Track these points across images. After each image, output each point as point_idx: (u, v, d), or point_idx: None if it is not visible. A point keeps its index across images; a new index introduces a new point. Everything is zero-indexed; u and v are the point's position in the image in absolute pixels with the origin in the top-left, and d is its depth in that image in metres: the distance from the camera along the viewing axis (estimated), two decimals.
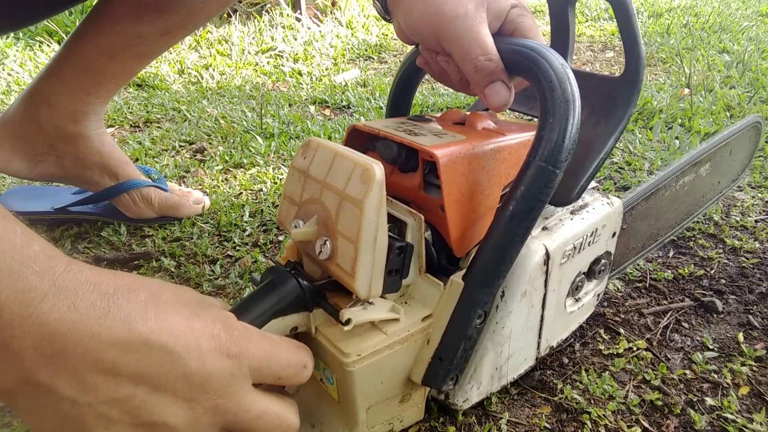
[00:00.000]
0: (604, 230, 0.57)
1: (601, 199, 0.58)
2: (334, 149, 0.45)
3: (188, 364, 0.35)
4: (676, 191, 0.71)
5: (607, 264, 0.60)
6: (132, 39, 0.77)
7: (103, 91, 0.82)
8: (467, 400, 0.52)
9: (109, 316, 0.33)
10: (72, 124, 0.82)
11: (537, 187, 0.43)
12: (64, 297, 0.32)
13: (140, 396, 0.34)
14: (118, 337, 0.33)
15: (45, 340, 0.31)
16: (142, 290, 0.35)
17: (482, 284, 0.46)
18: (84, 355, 0.32)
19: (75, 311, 0.32)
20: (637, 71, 0.53)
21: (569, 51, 0.60)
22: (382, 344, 0.45)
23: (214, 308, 0.39)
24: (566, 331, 0.60)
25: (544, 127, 0.43)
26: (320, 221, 0.44)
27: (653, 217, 0.70)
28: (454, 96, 1.55)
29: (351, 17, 2.49)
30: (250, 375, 0.39)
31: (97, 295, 0.33)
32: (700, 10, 2.55)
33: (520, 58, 0.45)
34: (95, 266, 0.35)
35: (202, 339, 0.36)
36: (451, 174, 0.46)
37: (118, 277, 0.35)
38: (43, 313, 0.31)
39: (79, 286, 0.32)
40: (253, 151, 1.21)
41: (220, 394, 0.37)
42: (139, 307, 0.34)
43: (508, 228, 0.44)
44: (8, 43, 2.07)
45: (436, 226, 0.50)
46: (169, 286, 0.38)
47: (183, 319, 0.36)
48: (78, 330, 0.32)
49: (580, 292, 0.59)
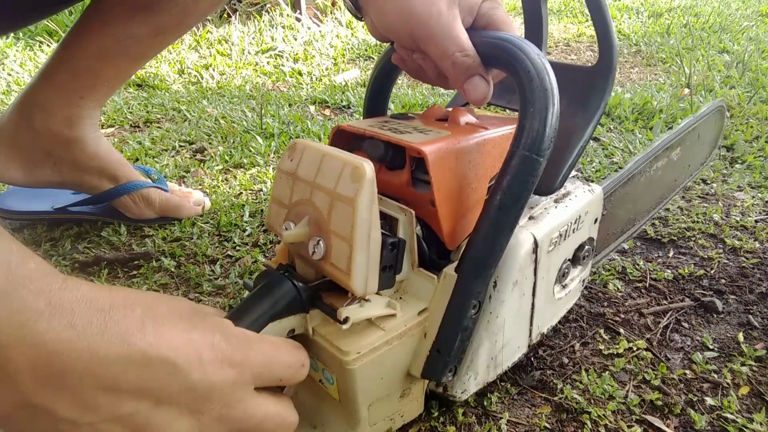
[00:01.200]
0: (586, 217, 0.58)
1: (583, 186, 0.60)
2: (321, 150, 0.45)
3: (190, 376, 0.35)
4: (651, 175, 0.74)
5: (590, 250, 0.61)
6: (124, 40, 0.76)
7: (97, 95, 0.81)
8: (465, 390, 0.52)
9: (106, 333, 0.32)
10: (67, 129, 0.81)
11: (522, 176, 0.44)
12: (60, 315, 0.31)
13: (143, 411, 0.34)
14: (117, 354, 0.32)
15: (42, 360, 0.30)
16: (137, 305, 0.35)
17: (475, 274, 0.46)
18: (83, 374, 0.31)
19: (72, 330, 0.31)
20: (610, 60, 0.55)
21: (543, 42, 0.62)
22: (380, 341, 0.45)
23: (211, 317, 0.39)
24: (555, 317, 0.61)
25: (525, 117, 0.44)
26: (312, 222, 0.44)
27: (631, 201, 0.73)
28: (454, 96, 1.55)
29: (351, 17, 2.49)
30: (252, 380, 0.39)
31: (93, 312, 0.32)
32: (700, 10, 2.55)
33: (497, 51, 0.46)
34: (90, 282, 0.34)
35: (202, 350, 0.36)
36: (439, 169, 0.47)
37: (113, 292, 0.35)
38: (38, 333, 0.30)
39: (75, 303, 0.32)
40: (253, 151, 1.21)
41: (225, 403, 0.37)
42: (137, 321, 0.34)
43: (497, 217, 0.45)
44: (8, 43, 2.07)
45: (426, 221, 0.50)
46: (164, 299, 0.38)
47: (181, 331, 0.36)
48: (76, 349, 0.31)
49: (566, 279, 0.60)
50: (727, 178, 1.00)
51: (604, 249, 0.71)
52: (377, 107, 0.64)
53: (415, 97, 1.53)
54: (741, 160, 1.06)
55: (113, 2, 0.75)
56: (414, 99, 1.50)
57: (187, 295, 0.76)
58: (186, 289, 0.77)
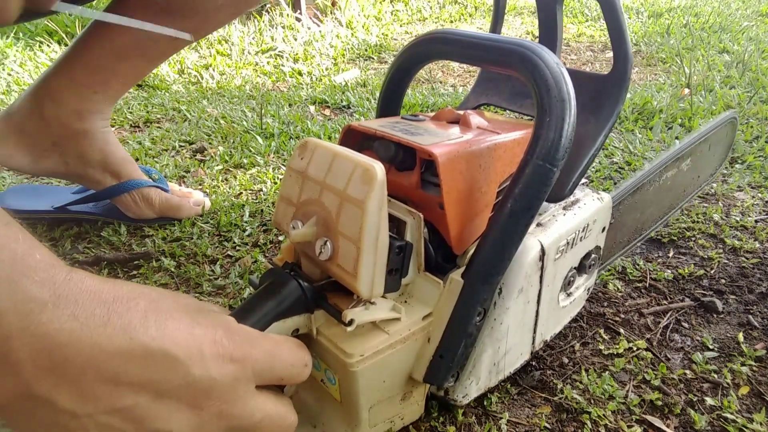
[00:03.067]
0: (594, 225, 0.58)
1: (592, 194, 0.59)
2: (332, 150, 0.45)
3: (191, 370, 0.35)
4: (660, 185, 0.74)
5: (596, 258, 0.61)
6: (143, 41, 0.77)
7: (110, 91, 0.82)
8: (467, 395, 0.52)
9: (109, 325, 0.32)
10: (77, 122, 0.82)
11: (535, 185, 0.43)
12: (64, 306, 0.31)
13: (143, 404, 0.34)
14: (119, 346, 0.32)
15: (44, 351, 0.30)
16: (141, 298, 0.35)
17: (482, 281, 0.46)
18: (84, 365, 0.31)
19: (75, 320, 0.31)
20: (625, 69, 0.54)
21: (558, 47, 0.62)
22: (384, 344, 0.45)
23: (215, 314, 0.39)
24: (559, 325, 0.61)
25: (541, 126, 0.43)
26: (320, 222, 0.44)
27: (639, 210, 0.72)
28: (454, 96, 1.55)
29: (351, 17, 2.49)
30: (254, 378, 0.39)
31: (97, 303, 0.32)
32: (700, 10, 2.55)
33: (513, 57, 0.45)
34: (96, 275, 0.34)
35: (204, 345, 0.36)
36: (449, 172, 0.47)
37: (118, 285, 0.35)
38: (42, 323, 0.30)
39: (79, 294, 0.32)
40: (253, 151, 1.21)
41: (225, 399, 0.37)
42: (140, 315, 0.34)
43: (507, 225, 0.44)
44: (8, 43, 2.07)
45: (434, 224, 0.50)
46: (169, 294, 0.38)
47: (184, 326, 0.36)
48: (78, 340, 0.31)
49: (571, 287, 0.60)
50: (727, 178, 1.00)
51: (609, 257, 0.71)
52: (391, 107, 0.63)
53: (415, 97, 1.53)
54: (741, 160, 1.07)
55: (136, 4, 0.75)
56: (414, 99, 1.50)
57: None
58: (186, 289, 0.77)
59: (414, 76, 0.63)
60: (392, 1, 2.84)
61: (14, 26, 2.17)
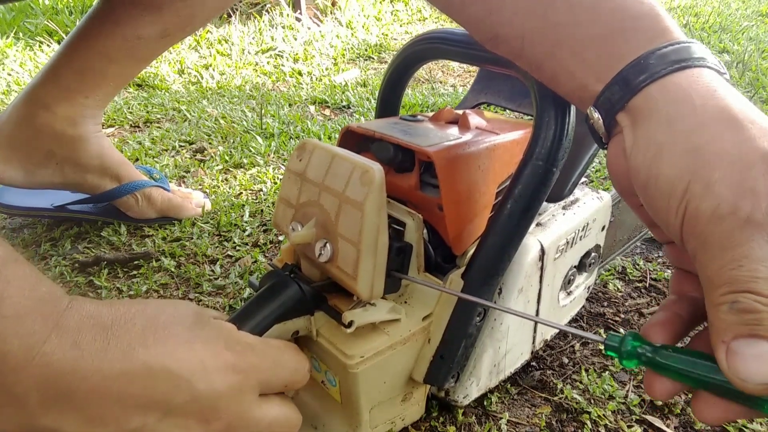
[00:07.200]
0: (594, 224, 0.58)
1: (591, 193, 0.59)
2: (331, 151, 0.45)
3: (196, 386, 0.35)
4: None
5: (596, 257, 0.61)
6: (132, 41, 0.76)
7: (101, 95, 0.81)
8: (467, 396, 0.52)
9: (109, 349, 0.32)
10: (70, 128, 0.81)
11: (535, 186, 0.43)
12: (66, 336, 0.31)
13: (151, 424, 0.34)
14: (121, 369, 0.33)
15: (49, 381, 0.31)
16: (138, 317, 0.35)
17: (482, 282, 0.46)
18: (88, 392, 0.32)
19: (76, 348, 0.31)
20: None
21: None
22: (384, 345, 0.45)
23: (214, 323, 0.39)
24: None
25: (540, 126, 0.43)
26: (319, 224, 0.44)
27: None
28: (453, 96, 1.55)
29: (351, 17, 2.49)
30: (258, 387, 0.39)
31: (96, 329, 0.33)
32: (700, 10, 2.55)
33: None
34: (96, 299, 0.35)
35: (206, 359, 0.36)
36: (448, 173, 0.47)
37: (115, 306, 0.35)
38: (45, 354, 0.30)
39: (80, 322, 0.32)
40: (253, 151, 1.21)
41: (232, 411, 0.37)
42: (138, 335, 0.34)
43: (507, 226, 0.44)
44: (8, 43, 2.07)
45: (434, 225, 0.50)
46: (166, 307, 0.38)
47: (184, 341, 0.36)
48: (81, 367, 0.31)
49: (571, 286, 0.60)
50: None
51: (610, 255, 0.71)
52: (390, 107, 0.63)
53: (415, 97, 1.53)
54: None
55: (124, 2, 0.74)
56: (414, 99, 1.50)
57: (187, 295, 0.76)
58: (186, 289, 0.77)
59: (413, 75, 0.63)
60: (392, 1, 2.84)
61: (14, 26, 2.17)
